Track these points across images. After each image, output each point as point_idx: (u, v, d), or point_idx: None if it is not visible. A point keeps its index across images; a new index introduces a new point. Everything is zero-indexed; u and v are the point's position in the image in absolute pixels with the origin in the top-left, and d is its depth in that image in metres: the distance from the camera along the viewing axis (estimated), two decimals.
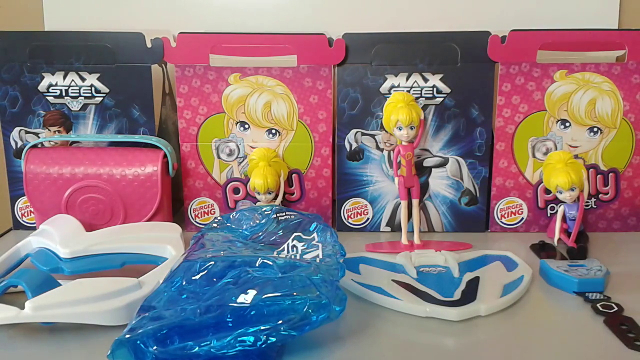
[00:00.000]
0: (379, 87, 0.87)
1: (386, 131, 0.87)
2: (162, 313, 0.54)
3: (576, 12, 0.99)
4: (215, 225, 0.75)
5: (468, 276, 0.70)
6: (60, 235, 0.75)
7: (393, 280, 0.70)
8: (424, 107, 0.87)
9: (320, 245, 0.65)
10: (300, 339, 0.54)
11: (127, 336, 0.51)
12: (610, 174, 0.89)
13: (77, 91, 0.90)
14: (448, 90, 0.87)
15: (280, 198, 0.89)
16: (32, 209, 0.90)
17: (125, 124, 0.91)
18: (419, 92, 0.87)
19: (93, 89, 0.90)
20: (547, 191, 0.88)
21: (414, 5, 1.01)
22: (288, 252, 0.66)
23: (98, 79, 0.90)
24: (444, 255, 0.74)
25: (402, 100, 0.84)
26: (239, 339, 0.51)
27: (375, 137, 0.89)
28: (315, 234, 0.68)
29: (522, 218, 0.91)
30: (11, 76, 0.90)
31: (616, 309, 0.63)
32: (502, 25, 0.89)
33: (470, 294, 0.66)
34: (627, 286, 0.70)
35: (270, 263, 0.59)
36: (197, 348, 0.51)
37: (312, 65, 0.87)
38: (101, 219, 0.86)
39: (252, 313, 0.53)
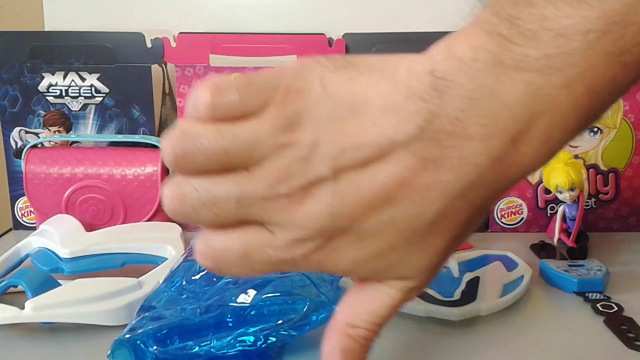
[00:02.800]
0: None
1: None
2: (162, 313, 0.54)
3: None
4: None
5: (468, 276, 0.70)
6: (60, 235, 0.75)
7: None
8: None
9: None
10: (300, 339, 0.54)
11: (127, 336, 0.51)
12: (610, 174, 0.89)
13: (77, 91, 0.90)
14: None
15: None
16: (32, 209, 0.90)
17: (125, 124, 0.91)
18: None
19: (93, 89, 0.90)
20: (547, 191, 0.88)
21: (414, 5, 1.01)
22: None
23: (98, 79, 0.90)
24: None
25: None
26: (239, 339, 0.51)
27: None
28: None
29: (522, 218, 0.91)
30: (11, 76, 0.90)
31: (616, 309, 0.63)
32: None
33: (470, 293, 0.65)
34: (627, 286, 0.70)
35: None
36: (197, 348, 0.51)
37: None
38: (101, 219, 0.86)
39: (252, 313, 0.53)
